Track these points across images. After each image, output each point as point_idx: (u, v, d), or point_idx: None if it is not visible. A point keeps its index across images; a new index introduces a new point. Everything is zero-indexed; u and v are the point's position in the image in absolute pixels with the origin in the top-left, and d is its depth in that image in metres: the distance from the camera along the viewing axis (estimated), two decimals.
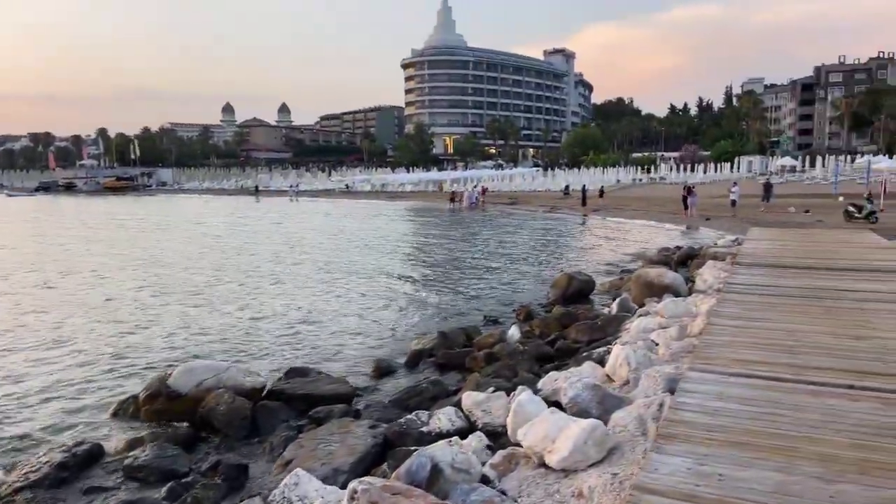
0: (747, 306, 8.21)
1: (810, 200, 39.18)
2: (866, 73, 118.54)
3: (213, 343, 10.88)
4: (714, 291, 11.12)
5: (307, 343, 10.91)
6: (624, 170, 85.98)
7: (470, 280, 17.39)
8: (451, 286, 16.42)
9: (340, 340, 11.05)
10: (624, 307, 11.36)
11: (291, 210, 54.58)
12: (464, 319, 12.58)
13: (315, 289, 16.43)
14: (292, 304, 14.44)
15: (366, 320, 12.68)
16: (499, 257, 21.93)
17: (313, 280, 17.80)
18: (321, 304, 14.35)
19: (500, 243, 26.34)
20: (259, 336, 11.41)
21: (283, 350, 10.43)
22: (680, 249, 19.72)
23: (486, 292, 15.48)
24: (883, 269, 11.24)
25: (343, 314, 13.28)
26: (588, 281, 14.00)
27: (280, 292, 16.01)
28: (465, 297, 14.86)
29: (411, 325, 12.15)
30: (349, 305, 14.20)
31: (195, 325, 12.37)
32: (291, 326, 12.15)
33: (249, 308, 13.98)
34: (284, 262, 21.50)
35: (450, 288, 16.21)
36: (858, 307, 8.05)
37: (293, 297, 15.22)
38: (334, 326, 12.13)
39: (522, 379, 7.66)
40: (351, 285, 16.79)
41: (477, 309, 13.48)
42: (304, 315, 13.17)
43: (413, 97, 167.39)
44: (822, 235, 17.82)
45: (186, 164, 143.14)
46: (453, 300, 14.61)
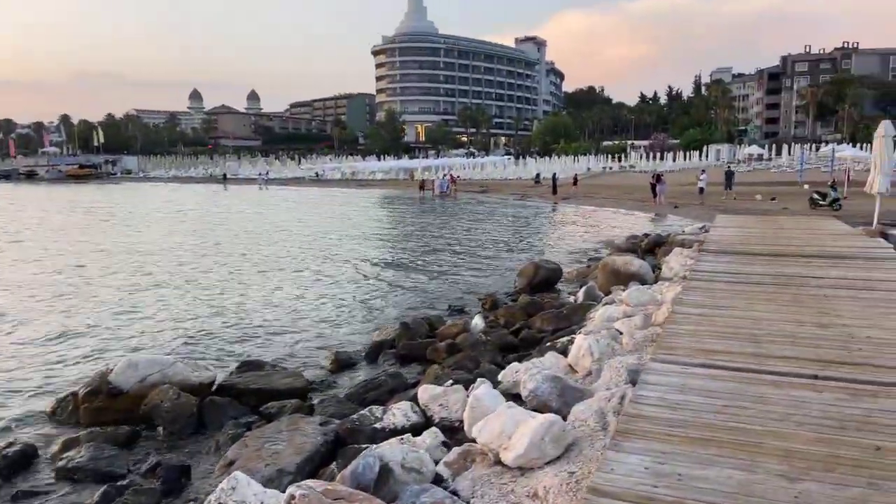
0: (712, 294, 8.07)
1: (776, 188, 39.66)
2: (831, 63, 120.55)
3: (166, 335, 10.44)
4: (680, 279, 11.00)
5: (266, 334, 10.54)
6: (594, 158, 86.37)
7: (437, 269, 17.12)
8: (418, 275, 16.13)
9: (301, 331, 10.70)
10: (590, 295, 11.19)
11: (260, 198, 53.71)
12: (429, 309, 12.33)
13: (278, 278, 16.02)
14: (254, 293, 14.04)
15: (329, 311, 12.35)
16: (467, 246, 21.70)
17: (277, 269, 17.37)
18: (283, 295, 13.97)
19: (468, 232, 26.10)
20: (216, 327, 11.00)
21: (240, 342, 10.05)
22: (648, 237, 19.67)
23: (453, 281, 15.23)
24: (846, 256, 11.22)
25: (306, 304, 12.92)
26: (555, 269, 13.82)
27: (242, 282, 15.57)
28: (431, 286, 14.59)
29: (375, 315, 11.84)
30: (313, 295, 13.84)
31: (148, 316, 11.91)
32: (251, 317, 11.76)
33: (208, 298, 13.53)
34: (248, 251, 20.99)
35: (416, 277, 15.92)
36: (823, 294, 7.96)
37: (255, 287, 14.81)
38: (295, 317, 11.77)
39: (484, 370, 7.43)
40: (316, 275, 16.42)
41: (443, 298, 13.23)
42: (266, 305, 12.78)
43: (384, 84, 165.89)
44: (788, 223, 17.90)
45: (153, 152, 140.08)
46: (419, 289, 14.33)
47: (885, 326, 6.41)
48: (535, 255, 18.96)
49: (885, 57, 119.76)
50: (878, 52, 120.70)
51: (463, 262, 18.03)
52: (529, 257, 18.63)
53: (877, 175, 14.51)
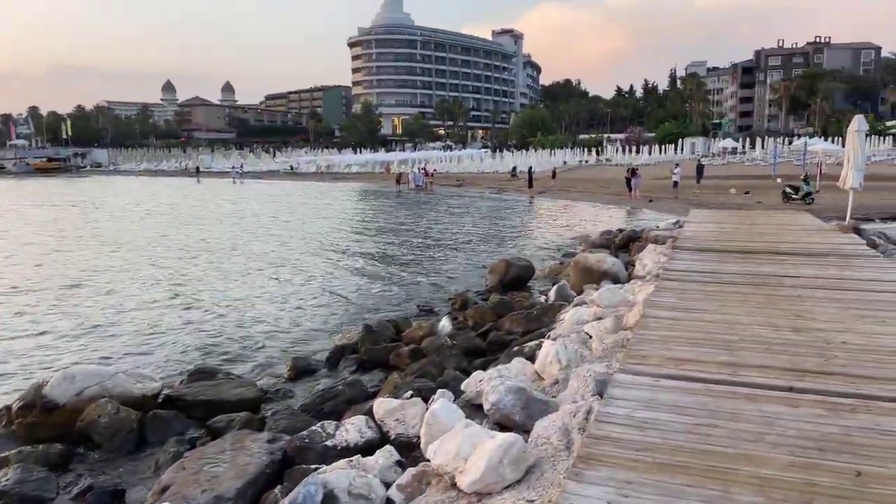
0: (685, 295, 7.80)
1: (750, 182, 39.86)
2: (803, 57, 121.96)
3: (115, 341, 9.92)
4: (653, 277, 10.75)
5: (225, 338, 10.08)
6: (571, 151, 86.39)
7: (408, 266, 16.73)
8: (389, 273, 15.73)
9: (262, 334, 10.26)
10: (562, 294, 10.89)
11: (232, 192, 52.74)
12: (398, 309, 11.97)
13: (243, 277, 15.52)
14: (215, 293, 13.53)
15: (293, 311, 11.91)
16: (440, 242, 21.33)
17: (242, 267, 16.85)
18: (246, 294, 13.49)
19: (442, 227, 25.74)
20: (171, 331, 10.51)
21: (196, 347, 9.57)
22: (622, 232, 19.47)
23: (424, 279, 14.86)
24: (820, 253, 11.06)
25: (270, 304, 12.46)
26: (527, 266, 13.51)
27: (204, 280, 15.04)
28: (401, 285, 14.21)
29: (341, 316, 11.43)
30: (278, 295, 13.37)
31: (98, 321, 11.33)
32: (210, 319, 11.28)
33: (165, 299, 12.99)
34: (213, 249, 20.37)
35: (387, 275, 15.51)
36: (797, 295, 7.73)
37: (217, 287, 14.30)
38: (257, 319, 11.32)
39: (449, 378, 7.08)
40: (283, 273, 15.94)
41: (412, 297, 12.86)
42: (227, 306, 12.29)
43: (360, 77, 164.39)
44: (762, 217, 17.78)
45: (124, 145, 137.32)
46: (389, 288, 13.93)
47: (860, 331, 6.17)
48: (509, 251, 18.68)
49: (857, 52, 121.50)
50: (850, 47, 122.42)
51: (436, 259, 17.67)
52: (503, 253, 18.35)
53: (850, 170, 14.40)
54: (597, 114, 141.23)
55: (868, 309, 7.03)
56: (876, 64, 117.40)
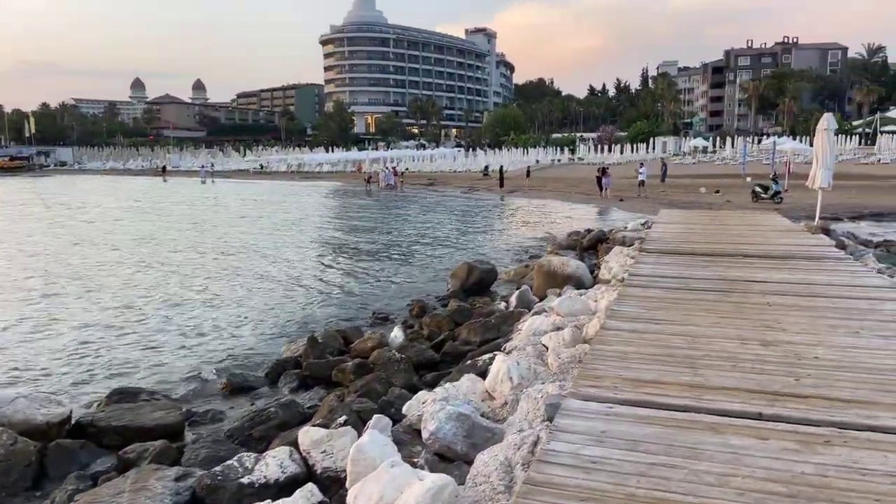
0: (648, 303, 7.31)
1: (720, 181, 39.91)
2: (772, 58, 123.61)
3: (33, 358, 9.06)
4: (618, 281, 10.29)
5: (159, 352, 9.31)
6: (544, 150, 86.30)
7: (370, 270, 16.06)
8: (347, 277, 15.06)
9: (201, 346, 9.55)
10: (523, 300, 10.37)
11: (197, 192, 51.46)
12: (352, 316, 11.33)
13: (191, 281, 14.69)
14: (155, 300, 12.68)
15: (239, 319, 11.19)
16: (404, 243, 20.71)
17: (190, 270, 16.01)
18: (190, 300, 12.71)
19: (409, 228, 25.13)
20: (99, 343, 9.68)
21: (126, 362, 8.78)
22: (590, 233, 19.04)
23: (384, 283, 14.23)
24: (789, 256, 10.70)
25: (214, 313, 11.70)
26: (490, 270, 12.98)
27: (146, 286, 14.14)
28: (359, 290, 13.55)
29: (290, 325, 10.74)
30: (225, 301, 12.61)
31: (19, 335, 10.43)
32: (146, 329, 10.48)
33: (100, 306, 12.11)
34: (160, 250, 19.41)
35: (345, 279, 14.83)
36: (766, 302, 7.29)
37: (158, 292, 13.42)
38: (198, 328, 10.58)
39: (394, 397, 6.50)
40: (233, 277, 15.14)
41: (369, 303, 12.22)
42: (166, 313, 11.49)
43: (333, 75, 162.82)
44: (731, 218, 17.49)
45: (90, 143, 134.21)
46: (346, 293, 13.27)
47: (832, 344, 5.72)
48: (475, 253, 18.14)
49: (824, 52, 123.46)
50: (818, 48, 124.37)
51: (397, 261, 17.04)
52: (468, 255, 17.81)
53: (819, 169, 14.12)
54: (570, 113, 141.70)
55: (840, 318, 6.60)
56: (842, 64, 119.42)
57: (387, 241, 21.55)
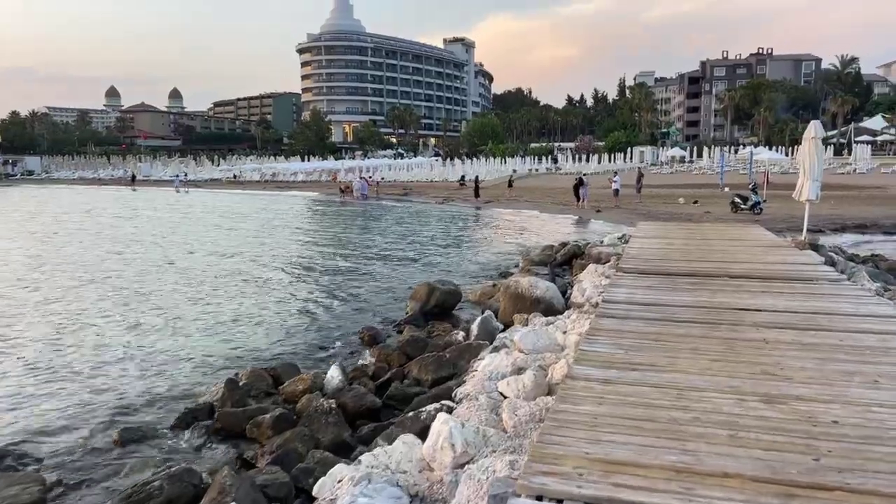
0: (625, 340, 6.18)
1: (698, 191, 39.32)
2: (747, 68, 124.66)
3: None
4: (592, 307, 9.18)
5: (49, 395, 7.83)
6: (522, 160, 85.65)
7: (325, 289, 14.74)
8: (296, 300, 13.57)
9: (105, 387, 8.12)
10: (486, 329, 9.21)
11: (162, 201, 49.65)
12: (299, 343, 10.07)
13: (118, 308, 12.94)
14: (67, 329, 11.05)
15: (162, 352, 9.69)
16: (367, 258, 19.42)
17: (120, 294, 14.18)
18: (113, 329, 11.17)
19: (375, 241, 23.88)
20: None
21: (11, 411, 7.38)
22: (565, 246, 18.01)
23: (337, 306, 12.92)
24: (779, 276, 9.68)
25: (136, 342, 10.24)
26: (452, 292, 11.80)
27: (64, 314, 12.50)
28: (307, 315, 12.22)
29: (225, 358, 9.41)
30: (152, 331, 10.98)
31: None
32: (43, 366, 8.98)
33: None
34: (96, 268, 17.78)
35: (293, 302, 13.32)
36: (763, 339, 6.19)
37: (73, 320, 11.77)
38: (109, 364, 9.10)
39: (314, 462, 5.28)
40: (168, 300, 13.45)
41: (316, 330, 10.95)
42: (75, 350, 9.85)
43: (310, 83, 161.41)
44: (712, 231, 16.53)
45: (61, 152, 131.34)
46: (291, 319, 11.88)
47: (850, 399, 4.63)
48: (442, 269, 16.99)
49: (798, 63, 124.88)
50: (792, 58, 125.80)
51: (356, 281, 15.74)
52: (435, 271, 16.66)
53: (805, 180, 13.18)
54: (548, 122, 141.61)
55: (852, 360, 5.53)
56: (816, 75, 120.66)
57: (350, 255, 20.30)
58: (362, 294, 13.96)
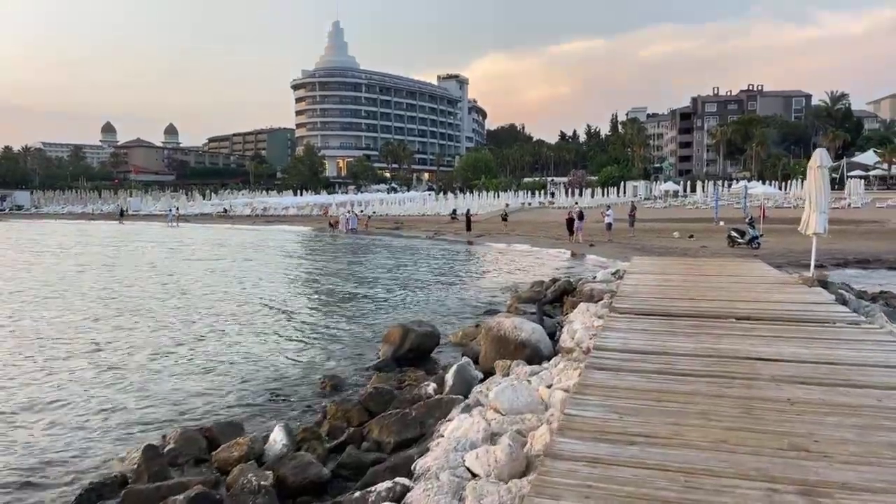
0: (619, 402, 5.12)
1: (693, 225, 38.54)
2: (738, 104, 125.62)
3: None
4: (582, 353, 8.13)
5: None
6: (514, 194, 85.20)
7: (291, 330, 13.41)
8: (259, 342, 12.18)
9: (17, 450, 6.98)
10: (462, 379, 8.09)
11: (146, 236, 48.47)
12: (247, 396, 8.88)
13: (60, 348, 11.88)
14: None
15: (95, 405, 8.47)
16: (344, 297, 18.22)
17: (65, 336, 13.07)
18: (49, 375, 10.03)
19: (357, 277, 22.80)
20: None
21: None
22: (556, 283, 16.94)
23: (304, 349, 11.74)
24: (791, 318, 8.66)
25: (73, 394, 9.00)
26: (429, 334, 10.69)
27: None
28: (267, 359, 10.88)
29: (157, 414, 8.10)
30: (86, 379, 9.84)
31: None
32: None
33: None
34: (43, 315, 16.49)
35: (255, 345, 11.93)
36: (785, 399, 5.14)
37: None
38: (38, 420, 7.98)
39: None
40: (111, 347, 11.97)
41: (275, 377, 9.78)
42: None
43: (304, 119, 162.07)
44: (711, 266, 15.56)
45: (54, 187, 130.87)
46: (248, 365, 10.41)
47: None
48: (424, 307, 15.92)
49: (788, 99, 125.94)
50: (782, 95, 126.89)
51: (329, 319, 14.56)
52: (417, 310, 15.58)
53: (812, 213, 12.25)
54: (541, 157, 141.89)
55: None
56: (806, 110, 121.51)
57: (327, 292, 19.19)
58: (335, 334, 12.82)
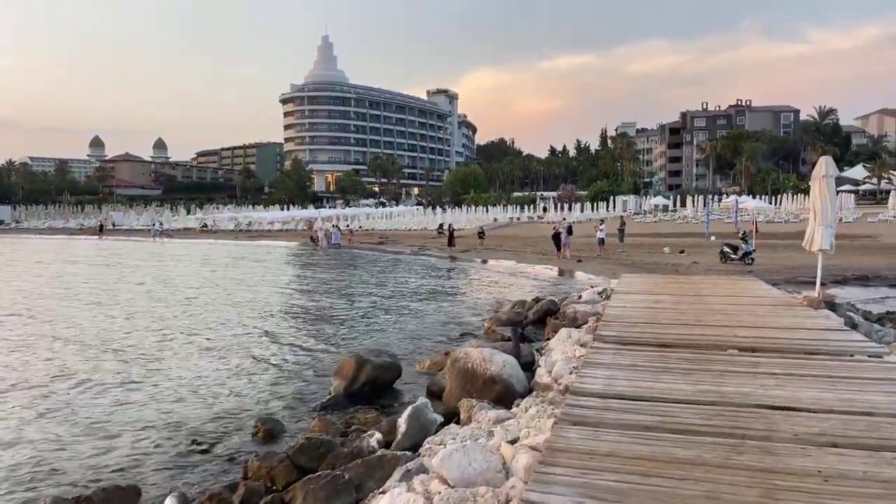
0: (600, 473, 3.85)
1: (683, 240, 37.50)
2: (726, 119, 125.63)
3: None
4: (560, 392, 6.87)
5: None
6: (503, 209, 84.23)
7: (237, 360, 11.82)
8: (198, 373, 10.82)
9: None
10: (418, 424, 6.80)
11: (113, 252, 46.83)
12: (160, 447, 7.43)
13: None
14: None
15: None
16: (306, 320, 16.31)
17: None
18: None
19: (326, 297, 21.41)
20: None
21: None
22: (538, 302, 15.69)
23: (246, 384, 10.06)
24: (801, 350, 7.45)
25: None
26: (388, 366, 9.35)
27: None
28: (201, 394, 9.40)
29: (38, 474, 6.72)
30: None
31: None
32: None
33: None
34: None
35: (193, 377, 10.57)
36: (816, 469, 3.89)
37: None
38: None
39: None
40: (23, 386, 10.60)
41: (204, 420, 8.38)
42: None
43: (292, 133, 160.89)
44: (705, 285, 14.37)
45: (37, 201, 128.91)
46: (175, 402, 9.04)
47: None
48: (394, 331, 14.59)
49: (777, 114, 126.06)
50: (770, 110, 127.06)
51: (284, 348, 12.86)
52: (382, 335, 14.20)
53: (817, 227, 11.10)
54: (530, 172, 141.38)
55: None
56: (795, 125, 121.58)
57: (289, 313, 17.69)
58: (287, 364, 11.39)
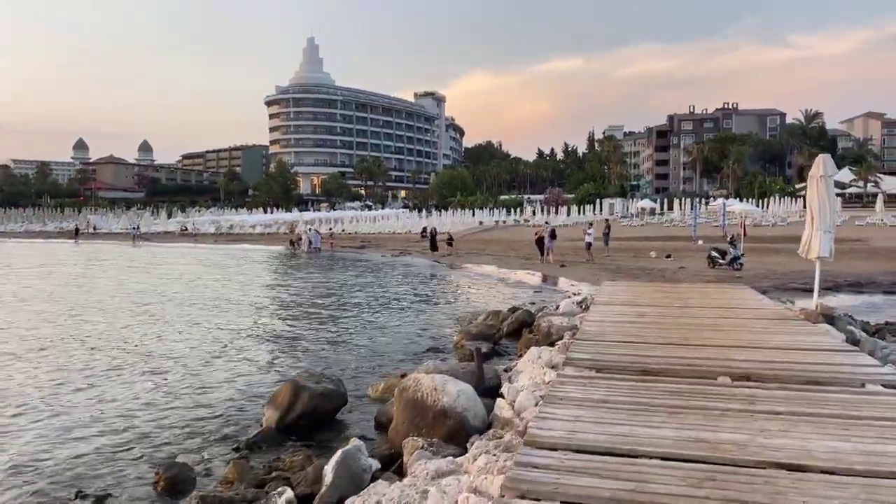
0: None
1: (671, 244, 36.57)
2: (713, 122, 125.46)
3: None
4: (518, 434, 5.69)
5: None
6: (490, 212, 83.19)
7: (164, 385, 10.29)
8: (106, 403, 9.36)
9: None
10: (348, 475, 5.59)
11: (86, 256, 45.27)
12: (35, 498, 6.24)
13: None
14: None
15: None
16: (259, 336, 14.72)
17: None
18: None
19: (291, 304, 20.11)
20: None
21: None
22: (514, 313, 14.56)
23: (161, 416, 8.68)
24: (805, 378, 6.33)
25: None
26: (329, 393, 8.09)
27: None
28: (108, 428, 8.10)
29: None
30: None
31: None
32: None
33: None
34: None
35: (107, 407, 9.13)
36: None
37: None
38: None
39: None
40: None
41: (101, 461, 7.08)
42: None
43: (277, 135, 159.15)
44: (692, 294, 13.28)
45: (17, 204, 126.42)
46: (66, 442, 7.71)
47: None
48: (352, 349, 13.29)
49: (763, 117, 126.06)
50: (756, 113, 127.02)
51: (223, 370, 11.15)
52: (335, 353, 12.90)
53: (815, 232, 10.05)
54: (518, 175, 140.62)
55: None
56: (781, 129, 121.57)
57: (242, 327, 15.96)
58: (217, 390, 9.93)
